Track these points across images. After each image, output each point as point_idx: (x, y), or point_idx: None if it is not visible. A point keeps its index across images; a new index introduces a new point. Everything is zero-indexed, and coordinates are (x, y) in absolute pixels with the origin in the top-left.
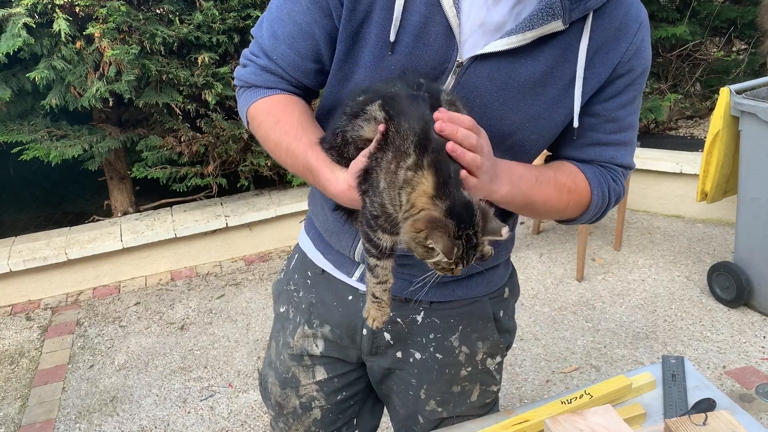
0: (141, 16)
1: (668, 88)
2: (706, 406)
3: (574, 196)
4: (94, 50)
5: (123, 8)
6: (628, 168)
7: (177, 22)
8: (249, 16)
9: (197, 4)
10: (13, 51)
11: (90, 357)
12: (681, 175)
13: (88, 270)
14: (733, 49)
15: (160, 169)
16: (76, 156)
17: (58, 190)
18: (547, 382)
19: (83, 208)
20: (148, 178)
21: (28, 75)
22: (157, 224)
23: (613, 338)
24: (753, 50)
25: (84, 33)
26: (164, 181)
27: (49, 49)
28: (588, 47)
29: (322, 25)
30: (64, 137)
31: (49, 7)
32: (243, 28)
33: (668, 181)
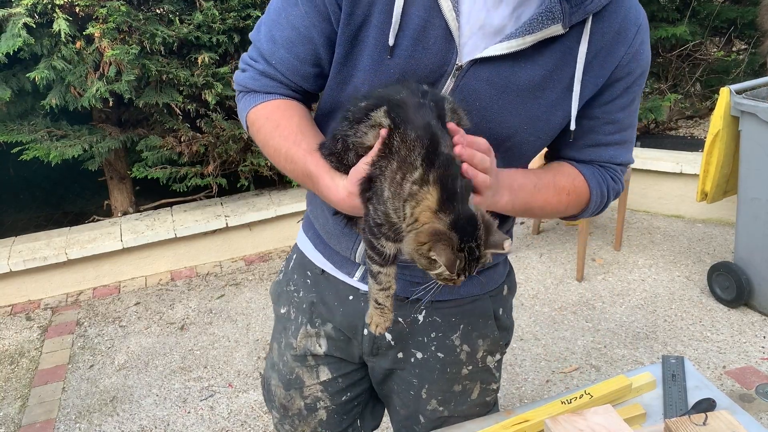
0: (141, 16)
1: (668, 88)
2: (706, 406)
3: (572, 197)
4: (94, 50)
5: (123, 8)
6: (627, 164)
7: (177, 22)
8: (249, 16)
9: (197, 4)
10: (13, 51)
11: (90, 357)
12: (681, 175)
13: (88, 270)
14: (733, 49)
15: (160, 169)
16: (76, 156)
17: (58, 190)
18: (547, 382)
19: (83, 208)
20: (148, 178)
21: (28, 75)
22: (157, 224)
23: (613, 338)
24: (753, 50)
25: (84, 33)
26: (164, 181)
27: (49, 49)
28: (587, 51)
29: (321, 29)
30: (64, 137)
31: (49, 7)
32: (243, 28)
33: (668, 181)
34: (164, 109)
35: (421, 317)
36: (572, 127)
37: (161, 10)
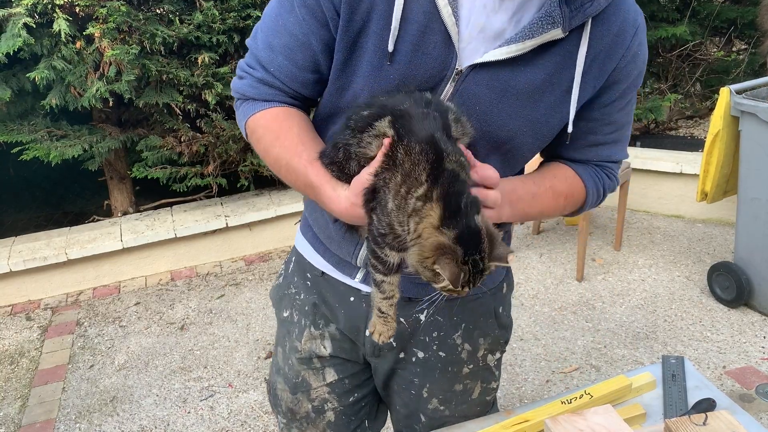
0: (141, 16)
1: (668, 88)
2: (706, 406)
3: (569, 200)
4: (94, 50)
5: (123, 8)
6: (622, 161)
7: (177, 22)
8: (249, 16)
9: (197, 4)
10: (13, 51)
11: (90, 357)
12: (681, 175)
13: (88, 270)
14: (733, 49)
15: (160, 169)
16: (76, 156)
17: (58, 190)
18: (547, 382)
19: (83, 208)
20: (148, 178)
21: (28, 75)
22: (157, 224)
23: (613, 338)
24: (753, 50)
25: (84, 33)
26: (164, 181)
27: (49, 49)
28: (586, 54)
29: (319, 36)
30: (64, 137)
31: (49, 7)
32: (243, 28)
33: (668, 181)
34: (164, 109)
35: (423, 317)
36: (569, 129)
37: (161, 10)
